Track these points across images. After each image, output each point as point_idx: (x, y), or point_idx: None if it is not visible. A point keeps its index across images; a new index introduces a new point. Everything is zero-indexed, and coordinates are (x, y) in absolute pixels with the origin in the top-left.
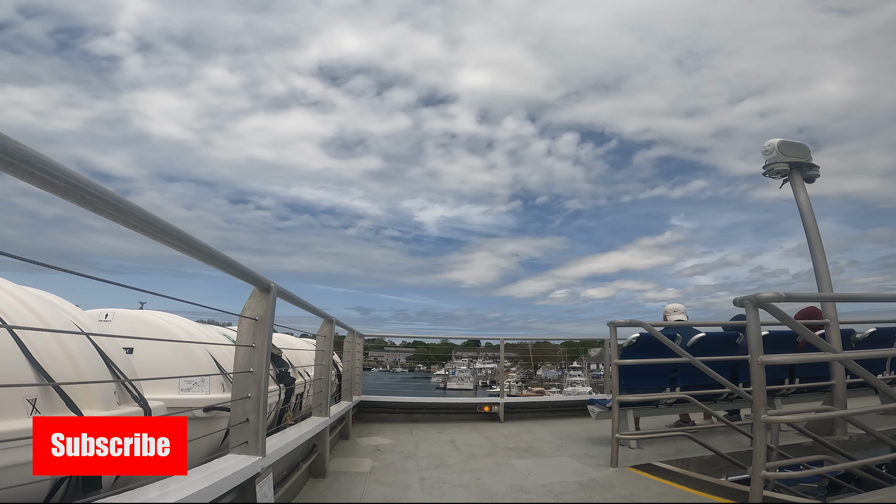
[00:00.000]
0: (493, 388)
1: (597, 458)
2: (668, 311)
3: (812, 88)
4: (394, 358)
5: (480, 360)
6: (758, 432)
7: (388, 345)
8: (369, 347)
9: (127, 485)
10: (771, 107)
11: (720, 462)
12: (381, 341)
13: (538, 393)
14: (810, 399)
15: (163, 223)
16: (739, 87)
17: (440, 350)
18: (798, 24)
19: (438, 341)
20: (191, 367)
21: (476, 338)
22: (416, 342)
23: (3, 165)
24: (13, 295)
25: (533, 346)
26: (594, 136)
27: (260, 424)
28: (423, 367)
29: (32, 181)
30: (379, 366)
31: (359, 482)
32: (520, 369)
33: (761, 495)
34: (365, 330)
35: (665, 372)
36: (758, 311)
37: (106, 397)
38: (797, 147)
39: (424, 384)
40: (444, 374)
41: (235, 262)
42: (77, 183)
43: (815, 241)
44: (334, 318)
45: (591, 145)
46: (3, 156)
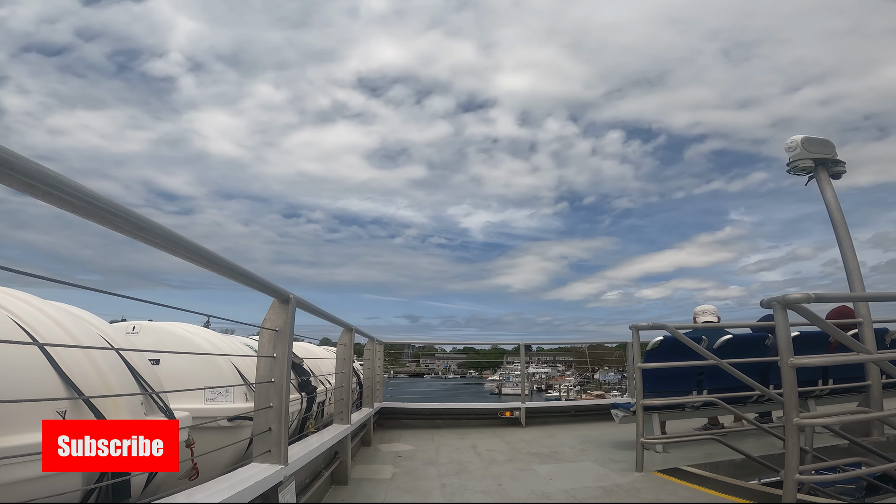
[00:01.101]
0: (550, 392)
1: (621, 462)
2: (698, 312)
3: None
4: (445, 364)
5: (534, 365)
6: (789, 435)
7: (438, 352)
8: (421, 355)
9: (155, 493)
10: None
11: (751, 465)
12: (432, 348)
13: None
14: (845, 400)
15: (183, 240)
16: (795, 76)
17: (491, 355)
18: (849, 11)
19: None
20: (215, 377)
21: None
22: (466, 349)
23: (23, 187)
24: (41, 310)
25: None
26: (641, 133)
27: (282, 433)
28: (474, 374)
29: (53, 202)
30: (431, 373)
31: (380, 489)
32: (575, 373)
33: (795, 497)
34: (414, 338)
35: (691, 375)
36: (786, 312)
37: (133, 409)
38: (822, 143)
39: (478, 390)
40: (498, 380)
41: (255, 275)
42: (97, 202)
43: (844, 238)
44: (354, 326)
45: (637, 142)
46: (23, 177)
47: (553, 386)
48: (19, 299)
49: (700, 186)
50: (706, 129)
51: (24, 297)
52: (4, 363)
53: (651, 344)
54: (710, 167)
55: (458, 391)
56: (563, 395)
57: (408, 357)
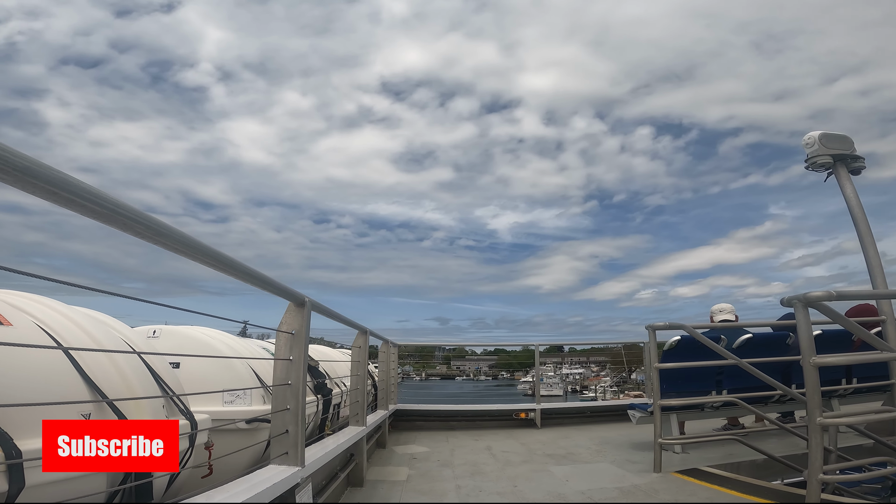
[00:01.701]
0: (586, 393)
1: (639, 463)
2: (714, 311)
3: None
4: (476, 366)
5: (567, 366)
6: (813, 435)
7: (469, 354)
8: (451, 357)
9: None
10: (871, 84)
11: (773, 465)
12: (462, 350)
13: (636, 397)
14: (869, 399)
15: (201, 245)
16: (832, 67)
17: (522, 357)
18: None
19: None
20: (233, 380)
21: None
22: (497, 350)
23: (46, 195)
24: (66, 315)
25: (625, 348)
26: (671, 129)
27: (299, 435)
28: (506, 375)
29: (75, 209)
30: (462, 374)
31: (396, 490)
32: (611, 373)
33: (819, 497)
34: (445, 340)
35: (710, 375)
36: (808, 310)
37: (155, 411)
38: (840, 139)
39: (510, 392)
40: (531, 381)
41: (270, 278)
42: (118, 209)
43: (865, 235)
44: (368, 328)
45: (668, 138)
46: (46, 185)
47: (588, 387)
48: (44, 305)
49: (736, 181)
50: (741, 122)
51: (49, 302)
52: (31, 367)
53: (668, 344)
54: (746, 161)
55: (490, 393)
56: (600, 396)
57: (438, 359)
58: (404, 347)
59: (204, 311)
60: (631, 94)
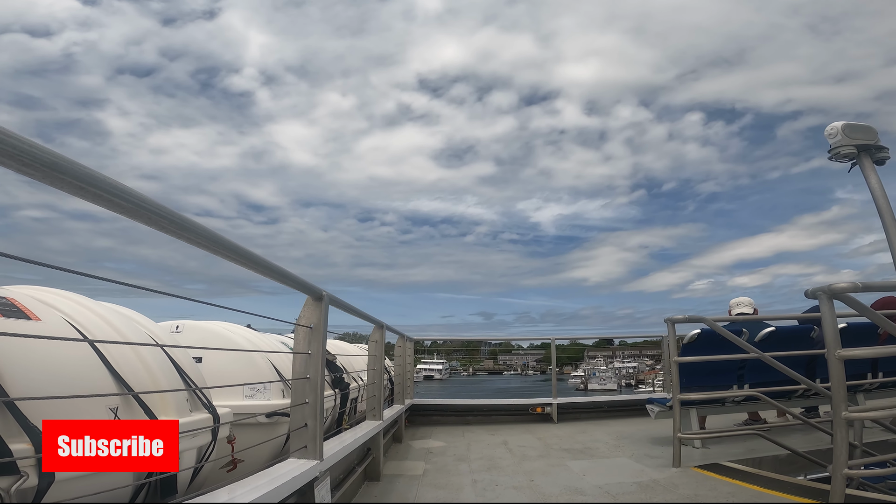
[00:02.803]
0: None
1: (658, 458)
2: (733, 304)
3: None
4: (524, 361)
5: (618, 360)
6: (838, 430)
7: (515, 348)
8: (498, 351)
9: (201, 487)
10: None
11: (797, 461)
12: (509, 345)
13: None
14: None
15: (222, 239)
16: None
17: (570, 350)
18: None
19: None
20: (253, 374)
21: (608, 336)
22: (544, 344)
23: (74, 190)
24: (93, 311)
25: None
26: (723, 114)
27: (317, 429)
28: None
29: (102, 203)
30: (510, 369)
31: (412, 485)
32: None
33: (843, 494)
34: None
35: (731, 369)
36: (832, 302)
37: (179, 405)
38: (863, 129)
39: (561, 386)
40: (583, 376)
41: (289, 272)
42: (143, 204)
43: (890, 225)
44: (385, 323)
45: (720, 123)
46: (74, 181)
47: (644, 381)
48: (72, 300)
49: (798, 165)
50: (800, 105)
51: (77, 297)
52: (59, 362)
53: (688, 337)
54: (808, 144)
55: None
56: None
57: (484, 354)
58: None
59: (255, 311)
60: (677, 80)
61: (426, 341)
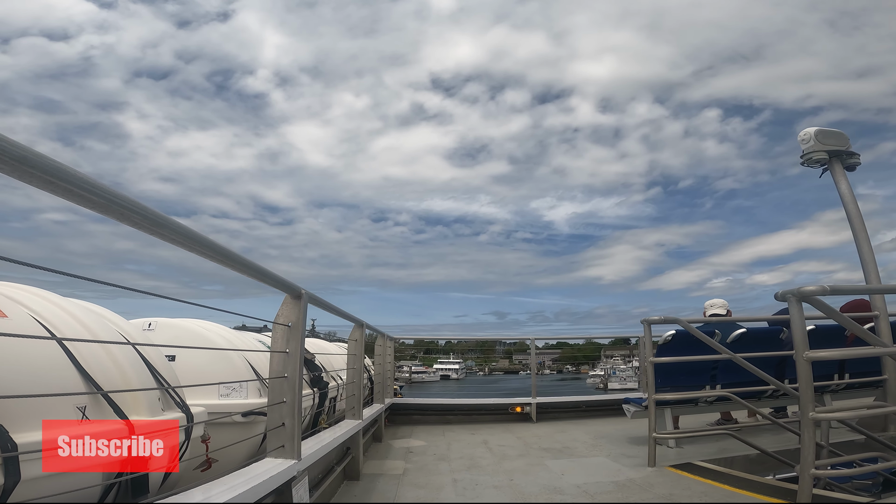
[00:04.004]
0: None
1: (634, 458)
2: (707, 306)
3: None
4: (539, 360)
5: (636, 359)
6: (805, 430)
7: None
8: (512, 351)
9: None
10: None
11: (766, 460)
12: (523, 344)
13: None
14: (862, 395)
15: (197, 235)
16: None
17: (586, 350)
18: None
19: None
20: (229, 373)
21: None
22: (559, 343)
23: (43, 184)
24: (62, 308)
25: None
26: (741, 110)
27: (295, 428)
28: (570, 368)
29: (72, 199)
30: (525, 369)
31: (392, 484)
32: None
33: (811, 493)
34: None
35: (704, 369)
36: (801, 305)
37: (151, 404)
38: (835, 135)
39: (580, 386)
40: (602, 375)
41: (267, 270)
42: (114, 199)
43: (859, 230)
44: (364, 322)
45: (738, 119)
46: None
47: None
48: (39, 296)
49: None
50: (820, 101)
51: (44, 294)
52: (26, 359)
53: (663, 338)
54: None
55: (558, 386)
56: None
57: (500, 353)
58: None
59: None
60: (693, 76)
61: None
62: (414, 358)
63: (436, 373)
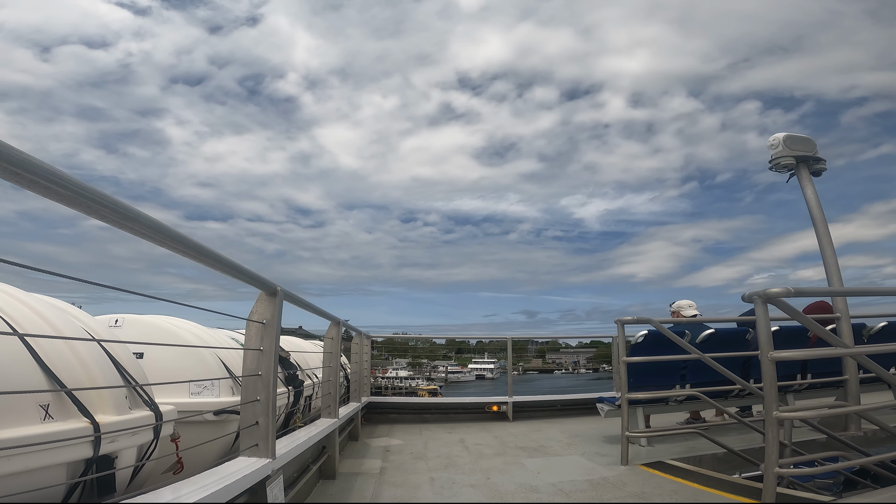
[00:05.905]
0: None
1: (608, 456)
2: (683, 306)
3: None
4: (573, 359)
5: None
6: (769, 429)
7: (563, 347)
8: (546, 350)
9: (141, 487)
10: None
11: (733, 459)
12: (556, 343)
13: None
14: (823, 395)
15: (168, 229)
16: None
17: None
18: None
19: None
20: (200, 370)
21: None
22: (594, 342)
23: (9, 176)
24: (24, 302)
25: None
26: (781, 102)
27: (269, 427)
28: (607, 368)
29: (39, 191)
30: (560, 368)
31: (369, 483)
32: None
33: (774, 492)
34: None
35: (674, 369)
36: (767, 306)
37: (118, 402)
38: (803, 141)
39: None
40: None
41: (241, 266)
42: (83, 192)
43: (823, 235)
44: (341, 319)
45: (778, 111)
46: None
47: None
48: (2, 292)
49: (866, 152)
50: (865, 91)
51: (8, 289)
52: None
53: (635, 338)
54: (876, 131)
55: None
56: None
57: (531, 353)
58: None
59: None
60: (728, 69)
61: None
62: (448, 358)
63: (471, 372)
